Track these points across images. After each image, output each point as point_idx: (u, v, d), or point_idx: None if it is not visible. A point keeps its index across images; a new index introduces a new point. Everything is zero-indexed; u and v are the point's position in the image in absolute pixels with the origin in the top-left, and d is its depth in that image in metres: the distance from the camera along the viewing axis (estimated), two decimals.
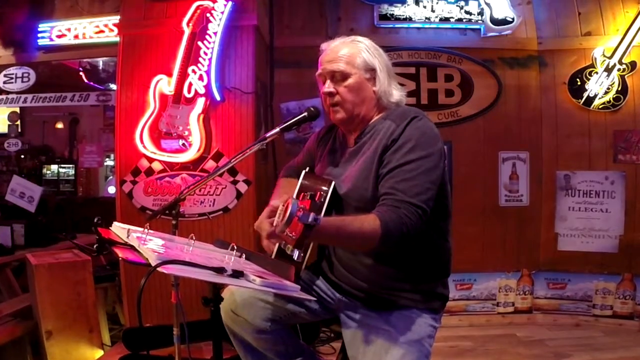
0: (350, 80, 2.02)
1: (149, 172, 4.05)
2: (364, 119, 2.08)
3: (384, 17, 4.78)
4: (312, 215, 1.44)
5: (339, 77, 2.03)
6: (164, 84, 3.98)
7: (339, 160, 2.16)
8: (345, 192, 2.03)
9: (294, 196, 2.04)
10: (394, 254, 1.96)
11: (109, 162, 9.74)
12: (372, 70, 2.04)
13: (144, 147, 3.97)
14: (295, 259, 1.54)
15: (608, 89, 4.60)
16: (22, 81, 5.03)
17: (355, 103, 2.04)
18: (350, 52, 2.04)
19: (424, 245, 1.97)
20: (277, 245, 1.94)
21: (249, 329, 2.18)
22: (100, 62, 6.42)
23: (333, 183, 2.06)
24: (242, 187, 4.03)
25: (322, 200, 2.01)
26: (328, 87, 2.05)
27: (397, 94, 2.09)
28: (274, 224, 1.55)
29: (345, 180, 2.04)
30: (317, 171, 2.26)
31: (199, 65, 3.93)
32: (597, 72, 4.60)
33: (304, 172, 2.16)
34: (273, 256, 1.96)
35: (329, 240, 1.94)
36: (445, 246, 2.09)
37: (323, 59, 2.09)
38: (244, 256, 1.85)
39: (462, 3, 4.76)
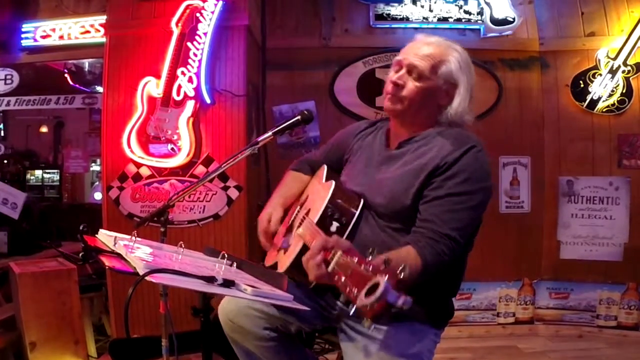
0: (424, 83, 1.93)
1: (137, 177, 4.01)
2: (414, 122, 2.00)
3: (380, 17, 4.73)
4: (402, 298, 1.21)
5: (415, 74, 1.94)
6: (152, 87, 3.95)
7: (375, 160, 2.07)
8: (379, 201, 1.93)
9: (321, 212, 1.88)
10: None
11: (95, 168, 9.72)
12: (452, 84, 1.95)
13: (132, 151, 3.94)
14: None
15: (612, 91, 4.55)
16: (5, 83, 5.05)
17: (415, 104, 1.95)
18: (440, 56, 1.95)
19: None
20: (292, 258, 1.85)
21: (249, 337, 2.17)
22: (86, 63, 6.47)
23: (362, 202, 1.96)
24: (233, 193, 3.97)
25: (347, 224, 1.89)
26: (399, 77, 1.96)
27: (467, 118, 1.99)
28: (355, 296, 1.26)
29: (380, 185, 1.95)
30: (348, 167, 2.17)
31: (189, 66, 3.90)
32: (600, 74, 4.55)
33: (333, 184, 1.99)
34: (284, 270, 1.87)
35: None
36: (463, 268, 2.07)
37: (409, 47, 2.01)
38: (234, 265, 1.86)
39: (461, 2, 4.71)
